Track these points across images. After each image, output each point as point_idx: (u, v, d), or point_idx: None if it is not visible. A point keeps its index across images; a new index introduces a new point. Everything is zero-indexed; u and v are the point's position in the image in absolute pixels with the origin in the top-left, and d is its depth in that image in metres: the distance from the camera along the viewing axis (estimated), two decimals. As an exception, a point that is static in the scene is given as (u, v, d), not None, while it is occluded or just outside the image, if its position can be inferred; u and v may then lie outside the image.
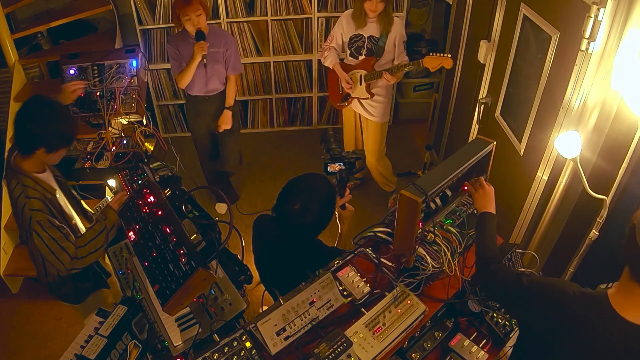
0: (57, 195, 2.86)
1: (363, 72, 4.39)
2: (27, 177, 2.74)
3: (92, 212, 3.29)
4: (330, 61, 4.50)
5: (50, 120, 2.66)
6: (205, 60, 4.09)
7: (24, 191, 2.69)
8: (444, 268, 2.42)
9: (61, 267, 2.69)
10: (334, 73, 4.55)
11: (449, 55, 3.96)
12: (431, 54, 4.02)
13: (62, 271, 2.78)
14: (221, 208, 5.23)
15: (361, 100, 4.59)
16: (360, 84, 4.45)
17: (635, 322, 1.70)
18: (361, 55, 4.38)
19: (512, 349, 2.41)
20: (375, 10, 4.11)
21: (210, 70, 4.29)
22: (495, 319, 2.58)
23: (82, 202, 3.23)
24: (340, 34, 4.44)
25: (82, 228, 3.09)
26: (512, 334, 2.58)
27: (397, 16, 5.50)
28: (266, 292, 2.61)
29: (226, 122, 4.59)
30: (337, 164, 2.99)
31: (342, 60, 4.57)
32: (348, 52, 4.46)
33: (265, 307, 2.36)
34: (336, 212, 3.00)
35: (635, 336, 1.71)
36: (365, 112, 4.66)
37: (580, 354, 1.82)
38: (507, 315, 2.61)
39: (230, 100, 4.56)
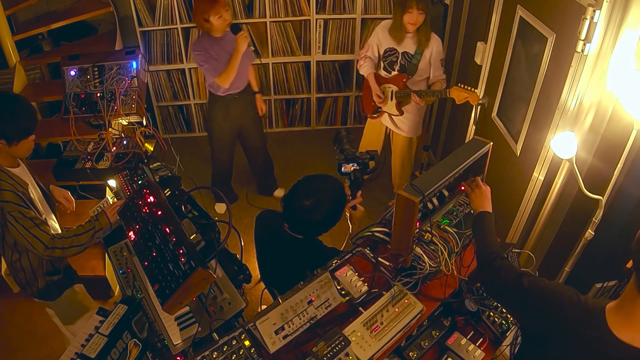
0: (30, 190, 2.88)
1: (394, 88, 4.30)
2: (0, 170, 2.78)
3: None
4: (365, 70, 4.42)
5: (5, 113, 2.69)
6: (252, 47, 4.05)
7: None
8: (441, 267, 2.41)
9: (39, 254, 2.75)
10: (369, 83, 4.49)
11: (476, 91, 3.82)
12: (459, 84, 3.87)
13: (43, 257, 2.82)
14: (220, 208, 5.23)
15: (391, 115, 4.52)
16: (392, 99, 4.35)
17: (629, 342, 1.64)
18: (394, 70, 4.30)
19: (512, 347, 2.40)
20: (415, 23, 4.02)
21: (239, 68, 4.27)
22: (492, 318, 2.59)
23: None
24: (376, 44, 4.36)
25: (55, 226, 3.12)
26: (508, 332, 2.58)
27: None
28: (265, 291, 2.61)
29: (263, 103, 4.77)
30: (351, 165, 2.98)
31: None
32: (382, 64, 4.38)
33: (264, 306, 2.36)
34: (347, 213, 3.01)
35: (628, 357, 1.66)
36: (394, 126, 4.60)
37: None
38: (504, 314, 2.61)
39: (256, 86, 4.71)
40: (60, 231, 3.08)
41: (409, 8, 3.96)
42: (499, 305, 2.64)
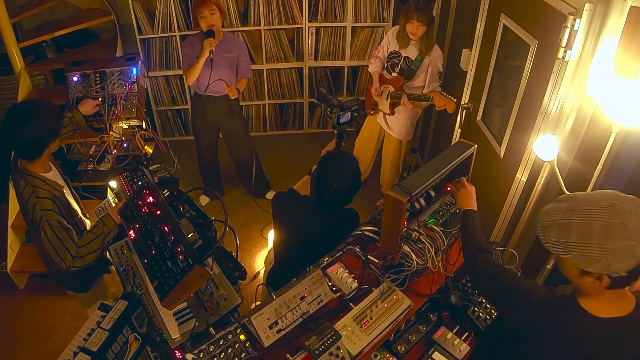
0: (65, 192, 2.86)
1: (391, 89, 4.34)
2: (36, 177, 2.73)
3: (87, 214, 3.28)
4: (372, 68, 4.49)
5: (42, 117, 2.66)
6: (212, 55, 4.08)
7: (34, 192, 2.67)
8: (428, 265, 2.41)
9: (62, 266, 2.66)
10: None
11: (455, 100, 3.88)
12: (442, 92, 3.96)
13: (62, 269, 2.75)
14: (204, 200, 5.27)
15: (385, 114, 4.56)
16: (387, 99, 4.39)
17: (605, 316, 1.69)
18: (394, 72, 4.34)
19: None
20: (416, 33, 4.05)
21: (219, 73, 4.29)
22: (476, 313, 2.58)
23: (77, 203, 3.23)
24: (386, 46, 4.42)
25: (87, 222, 3.11)
26: (492, 326, 2.58)
27: (384, 26, 5.55)
28: (259, 287, 2.60)
29: (232, 92, 4.47)
30: (347, 113, 3.09)
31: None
32: (386, 65, 4.44)
33: (258, 302, 2.35)
34: None
35: (606, 328, 1.70)
36: (385, 125, 4.64)
37: (555, 352, 1.81)
38: (488, 310, 2.61)
39: (240, 85, 4.58)
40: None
41: (410, 19, 4.02)
42: (484, 300, 2.64)
